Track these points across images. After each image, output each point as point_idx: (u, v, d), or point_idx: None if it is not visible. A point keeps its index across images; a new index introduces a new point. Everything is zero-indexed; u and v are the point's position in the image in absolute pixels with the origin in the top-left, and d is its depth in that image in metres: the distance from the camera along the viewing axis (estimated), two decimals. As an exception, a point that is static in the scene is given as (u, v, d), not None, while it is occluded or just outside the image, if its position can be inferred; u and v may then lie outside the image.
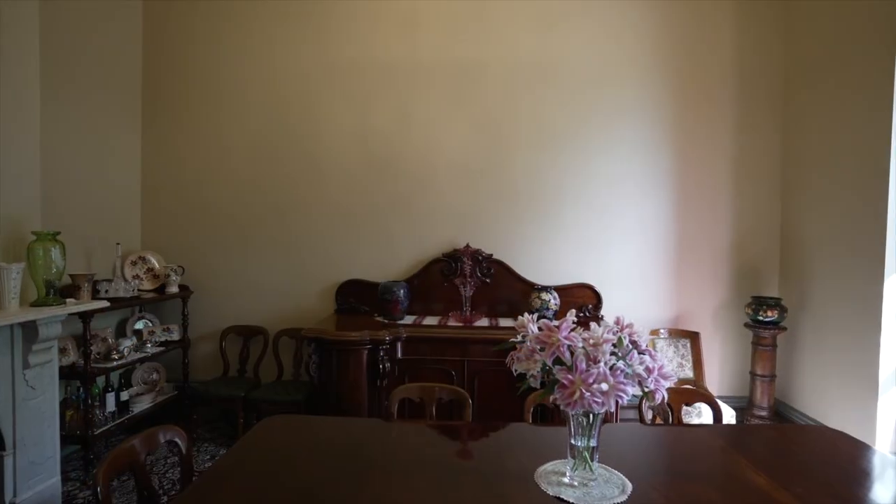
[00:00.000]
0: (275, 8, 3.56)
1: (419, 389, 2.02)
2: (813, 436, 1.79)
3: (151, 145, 3.64)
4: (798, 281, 3.28)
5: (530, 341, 1.34)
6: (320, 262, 3.56)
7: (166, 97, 3.63)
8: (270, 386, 3.27)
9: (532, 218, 3.48)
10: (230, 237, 3.62)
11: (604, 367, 1.24)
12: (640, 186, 3.47)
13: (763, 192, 3.46)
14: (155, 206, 3.65)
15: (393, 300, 3.12)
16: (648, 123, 3.45)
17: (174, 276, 3.41)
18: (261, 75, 3.58)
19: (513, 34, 3.45)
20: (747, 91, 3.43)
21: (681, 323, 3.47)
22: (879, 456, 1.53)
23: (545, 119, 3.46)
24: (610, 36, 3.45)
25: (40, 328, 2.16)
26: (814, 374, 3.13)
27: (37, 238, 2.23)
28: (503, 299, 3.39)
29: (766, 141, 3.45)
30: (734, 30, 3.42)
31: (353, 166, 3.54)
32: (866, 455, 1.52)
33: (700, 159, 3.45)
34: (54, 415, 2.38)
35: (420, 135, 3.49)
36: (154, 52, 3.62)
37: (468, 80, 3.47)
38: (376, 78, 3.52)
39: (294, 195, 3.58)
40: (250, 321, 3.57)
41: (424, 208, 3.51)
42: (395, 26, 3.48)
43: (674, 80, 3.45)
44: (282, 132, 3.58)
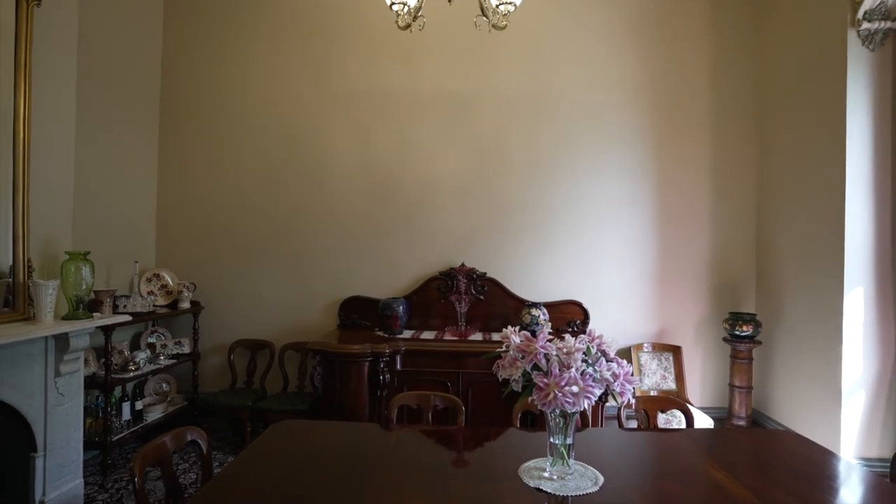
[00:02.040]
0: (285, 41, 3.84)
1: (416, 397, 2.22)
2: (772, 438, 1.99)
3: (167, 169, 3.88)
4: (772, 297, 3.50)
5: (513, 350, 1.56)
6: (324, 280, 3.78)
7: (182, 124, 3.89)
8: (276, 397, 3.45)
9: (523, 238, 3.71)
10: (239, 256, 3.84)
11: (575, 373, 1.46)
12: (625, 208, 3.71)
13: (738, 214, 3.70)
14: (169, 225, 3.87)
15: (393, 315, 3.32)
16: (631, 150, 3.71)
17: (186, 293, 3.61)
18: (270, 104, 3.85)
19: (504, 67, 3.72)
20: (722, 122, 3.70)
21: (664, 337, 3.68)
22: (828, 455, 1.71)
23: (535, 146, 3.72)
24: (595, 70, 3.72)
25: (71, 340, 2.37)
26: (787, 385, 3.33)
27: (70, 257, 2.44)
28: (496, 315, 3.60)
29: (739, 167, 3.70)
30: (710, 67, 3.70)
31: (356, 189, 3.78)
32: (816, 454, 1.72)
33: (679, 183, 3.70)
34: (79, 420, 2.57)
35: (418, 160, 3.74)
36: (171, 84, 3.89)
37: (463, 110, 3.74)
38: (377, 107, 3.78)
39: (300, 216, 3.81)
40: (257, 335, 3.76)
41: (422, 229, 3.74)
42: (395, 59, 3.75)
43: (655, 110, 3.71)
44: (289, 157, 3.83)
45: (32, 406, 2.26)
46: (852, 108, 2.74)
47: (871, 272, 2.78)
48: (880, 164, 2.75)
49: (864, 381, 2.81)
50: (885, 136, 2.74)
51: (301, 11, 3.84)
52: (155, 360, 3.41)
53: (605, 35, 3.72)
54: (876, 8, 2.62)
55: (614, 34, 3.71)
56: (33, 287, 2.26)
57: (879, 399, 2.80)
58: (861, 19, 2.67)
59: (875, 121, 2.74)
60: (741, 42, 3.68)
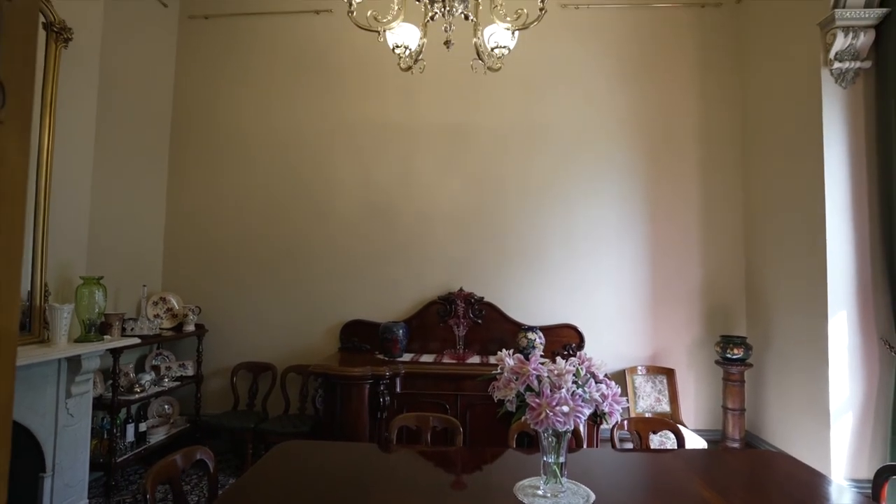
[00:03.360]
0: (290, 77, 4.04)
1: (416, 418, 2.30)
2: (763, 460, 2.06)
3: (175, 196, 4.03)
4: (762, 321, 3.60)
5: (507, 372, 1.66)
6: (326, 304, 3.88)
7: (190, 156, 4.05)
8: (278, 419, 3.51)
9: (520, 264, 3.83)
10: (244, 280, 3.94)
11: (565, 393, 1.56)
12: (618, 235, 3.83)
13: (727, 241, 3.83)
14: (176, 251, 3.99)
15: (393, 339, 3.41)
16: (623, 179, 3.86)
17: (192, 316, 3.71)
18: (274, 136, 4.01)
19: (501, 100, 3.90)
20: (709, 153, 3.85)
21: (658, 360, 3.76)
22: (817, 476, 1.78)
23: (531, 175, 3.87)
24: (588, 102, 3.90)
25: (83, 361, 2.46)
26: (778, 407, 3.40)
27: (84, 282, 2.55)
28: (494, 339, 3.68)
29: (727, 196, 3.84)
30: (697, 102, 3.88)
31: (357, 216, 3.92)
32: (806, 475, 1.79)
33: (669, 211, 3.84)
34: (86, 441, 2.63)
35: (418, 189, 3.89)
36: (181, 119, 4.07)
37: (461, 141, 3.90)
38: (379, 137, 3.95)
39: (303, 242, 3.94)
40: (260, 358, 3.84)
41: (422, 254, 3.86)
42: (396, 94, 3.93)
43: (645, 141, 3.87)
44: (292, 185, 3.98)
45: (43, 426, 2.34)
46: (829, 142, 2.89)
47: (853, 296, 2.89)
48: (857, 193, 2.89)
49: (852, 403, 2.89)
50: (860, 168, 2.88)
51: (305, 50, 4.05)
52: (159, 383, 3.48)
53: (597, 71, 3.91)
54: (846, 49, 2.80)
55: (606, 71, 3.91)
56: (49, 311, 2.36)
57: (867, 421, 2.87)
58: (833, 59, 2.84)
59: (851, 152, 2.89)
60: (726, 79, 3.87)
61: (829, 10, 2.81)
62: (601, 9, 3.95)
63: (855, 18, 2.74)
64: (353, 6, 1.83)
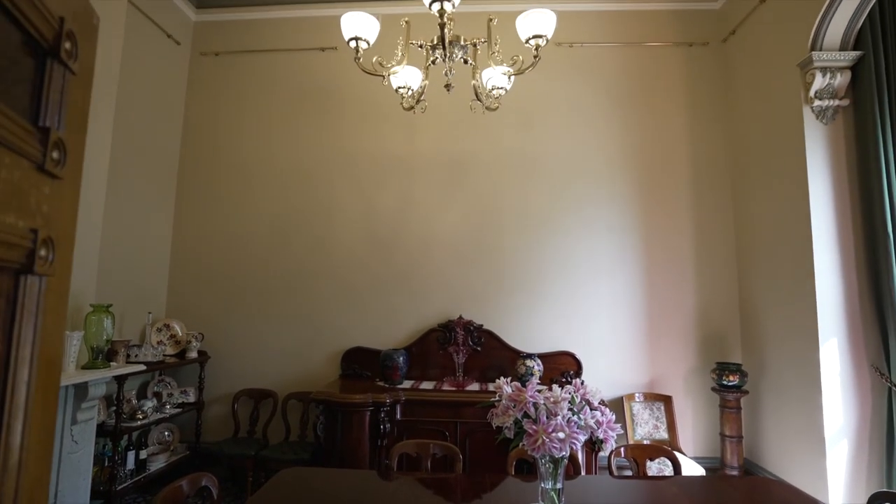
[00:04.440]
0: (293, 110, 4.20)
1: (416, 445, 2.34)
2: (759, 486, 2.09)
3: (181, 225, 4.13)
4: (757, 348, 3.66)
5: (505, 400, 1.72)
6: (327, 331, 3.93)
7: (196, 184, 4.18)
8: (278, 446, 3.52)
9: (518, 292, 3.91)
10: (246, 307, 4.01)
11: (561, 420, 1.62)
12: (613, 263, 3.92)
13: (720, 269, 3.92)
14: (181, 278, 4.07)
15: (393, 366, 3.45)
16: (618, 209, 3.97)
17: (195, 342, 3.76)
18: (279, 165, 4.15)
19: (499, 132, 4.05)
20: (700, 185, 3.98)
21: (655, 387, 3.80)
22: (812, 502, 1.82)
23: (528, 204, 3.99)
24: (583, 135, 4.05)
25: (90, 388, 2.50)
26: (776, 435, 3.43)
27: (93, 309, 2.62)
28: (493, 366, 3.73)
29: (719, 226, 3.95)
30: (687, 136, 4.03)
31: (359, 244, 4.01)
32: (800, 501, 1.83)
33: (664, 241, 3.94)
34: (89, 469, 2.65)
35: (418, 217, 4.00)
36: (189, 151, 4.22)
37: (460, 172, 4.04)
38: (379, 168, 4.08)
39: (305, 270, 4.02)
40: (261, 384, 3.87)
41: (422, 283, 3.94)
42: (397, 126, 4.08)
43: (639, 172, 4.01)
44: (295, 213, 4.09)
45: (49, 454, 2.36)
46: (813, 176, 3.02)
47: (842, 324, 2.96)
48: (842, 225, 3.00)
49: (846, 431, 2.93)
50: (843, 201, 3.00)
51: (309, 85, 4.23)
52: (161, 409, 3.51)
53: (591, 106, 4.07)
54: (824, 88, 2.95)
55: (599, 105, 4.07)
56: (59, 338, 2.42)
57: (861, 448, 2.91)
58: (813, 97, 3.00)
59: (834, 186, 3.02)
60: (715, 114, 4.04)
61: (807, 52, 2.98)
62: (594, 47, 4.14)
63: (831, 60, 2.90)
64: (360, 53, 1.96)
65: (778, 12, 3.33)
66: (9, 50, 0.64)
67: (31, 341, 0.71)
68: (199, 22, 4.42)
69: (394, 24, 4.04)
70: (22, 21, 0.64)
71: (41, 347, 0.74)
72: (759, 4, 3.49)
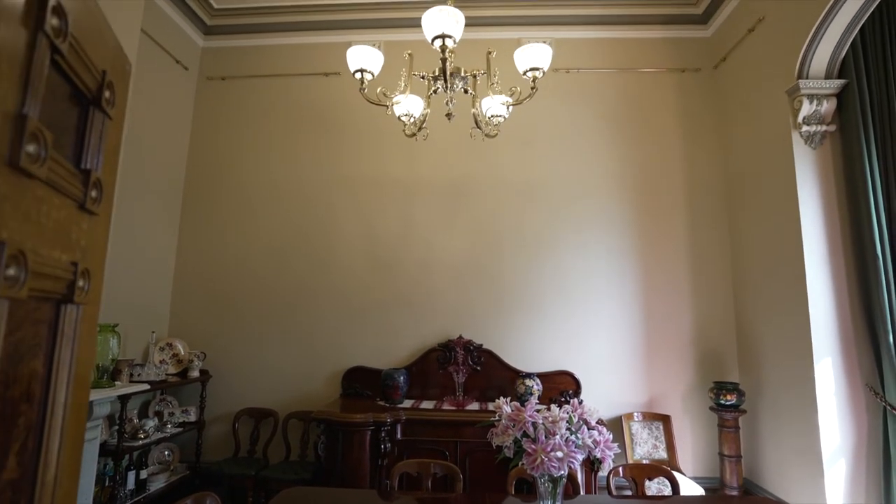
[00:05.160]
0: (297, 133, 4.31)
1: (417, 465, 2.37)
2: None
3: (185, 245, 4.20)
4: (754, 367, 3.69)
5: (505, 419, 1.77)
6: (328, 351, 3.97)
7: (200, 206, 4.26)
8: (279, 466, 3.53)
9: (517, 311, 3.96)
10: (248, 327, 4.05)
11: (559, 439, 1.66)
12: (611, 283, 3.98)
13: (717, 287, 3.97)
14: (184, 297, 4.12)
15: (393, 385, 3.48)
16: (614, 230, 4.05)
17: (197, 362, 3.79)
18: (280, 187, 4.24)
19: (498, 156, 4.15)
20: (696, 205, 4.07)
21: (653, 406, 3.82)
22: None
23: (527, 226, 4.07)
24: (580, 158, 4.15)
25: (95, 408, 2.53)
26: (774, 454, 3.44)
27: (100, 329, 2.67)
28: (492, 385, 3.75)
29: (714, 247, 4.01)
30: (683, 156, 4.13)
31: (360, 266, 4.08)
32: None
33: (660, 262, 4.00)
34: (90, 490, 2.66)
35: (419, 239, 4.07)
36: (194, 173, 4.32)
37: (461, 195, 4.12)
38: (381, 190, 4.17)
39: (307, 291, 4.07)
40: (262, 404, 3.89)
41: (422, 303, 3.99)
42: (399, 150, 4.18)
43: (635, 193, 4.09)
44: (297, 234, 4.16)
45: (53, 473, 2.39)
46: (803, 198, 3.11)
47: (836, 344, 3.01)
48: (832, 245, 3.07)
49: (843, 450, 2.95)
50: (833, 222, 3.08)
51: (313, 109, 4.34)
52: (162, 429, 3.52)
53: (588, 130, 4.18)
54: (812, 114, 3.06)
55: (596, 129, 4.18)
56: (66, 358, 2.46)
57: (859, 467, 2.93)
58: (801, 123, 3.10)
59: (824, 208, 3.10)
60: (708, 137, 4.15)
61: (794, 80, 3.10)
62: (591, 73, 4.27)
63: (817, 88, 3.02)
64: (365, 84, 2.06)
65: (766, 41, 3.46)
66: (61, 102, 0.71)
67: (69, 365, 0.77)
68: (207, 48, 4.56)
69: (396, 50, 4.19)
70: (72, 76, 0.72)
71: (76, 370, 0.80)
72: (747, 34, 3.63)
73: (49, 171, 0.63)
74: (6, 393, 0.60)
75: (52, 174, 0.64)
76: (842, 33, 2.94)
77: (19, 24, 0.55)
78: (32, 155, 0.58)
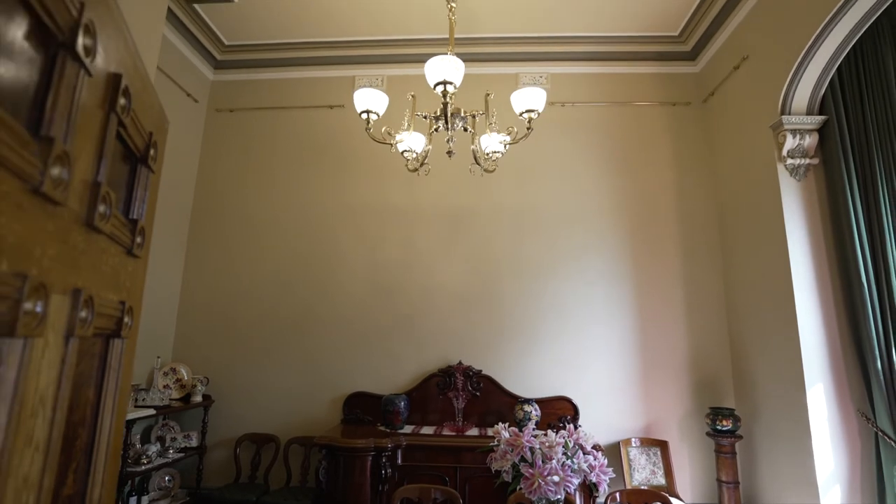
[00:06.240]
0: (301, 162, 4.46)
1: (417, 490, 2.41)
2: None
3: (191, 272, 4.30)
4: (749, 393, 3.75)
5: (503, 444, 1.84)
6: (330, 376, 4.02)
7: (206, 233, 4.37)
8: (280, 492, 3.54)
9: (516, 338, 4.03)
10: (251, 352, 4.11)
11: (556, 464, 1.73)
12: (608, 309, 4.07)
13: (711, 314, 4.05)
14: (189, 322, 4.19)
15: (394, 411, 3.53)
16: (611, 257, 4.15)
17: (200, 386, 3.84)
18: (284, 215, 4.36)
19: (496, 186, 4.28)
20: (689, 233, 4.18)
21: (651, 432, 3.86)
22: None
23: (525, 254, 4.18)
24: (576, 188, 4.29)
25: (102, 434, 2.59)
26: (771, 480, 3.47)
27: (109, 356, 2.74)
28: (491, 411, 3.80)
29: (708, 272, 4.11)
30: (676, 186, 4.26)
31: (361, 293, 4.17)
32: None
33: (655, 288, 4.09)
34: (94, 515, 2.69)
35: (420, 266, 4.18)
36: (202, 197, 4.45)
37: (460, 222, 4.25)
38: (383, 219, 4.29)
39: (309, 317, 4.15)
40: (264, 429, 3.92)
41: (423, 329, 4.06)
42: (400, 179, 4.31)
43: (629, 223, 4.21)
44: (301, 261, 4.26)
45: (59, 499, 2.42)
46: (790, 228, 3.22)
47: (827, 370, 3.08)
48: (820, 274, 3.17)
49: (838, 476, 2.99)
50: (820, 251, 3.19)
51: (317, 140, 4.50)
52: (164, 454, 3.55)
53: (584, 160, 4.34)
54: (795, 148, 3.20)
55: (591, 160, 4.34)
56: (77, 384, 2.53)
57: (854, 493, 2.96)
58: (786, 156, 3.25)
59: (810, 237, 3.22)
60: (699, 167, 4.29)
61: (778, 116, 3.26)
62: (586, 106, 4.45)
63: (799, 123, 3.17)
64: (371, 124, 2.19)
65: (751, 78, 3.64)
66: (118, 163, 0.82)
67: (114, 393, 0.87)
68: (217, 81, 4.75)
69: (398, 85, 4.37)
70: (129, 141, 0.83)
71: (119, 398, 0.90)
72: (733, 71, 3.81)
73: (111, 226, 0.74)
74: (70, 418, 0.69)
75: (113, 228, 0.75)
76: (820, 72, 3.11)
77: (97, 107, 0.66)
78: (102, 214, 0.68)
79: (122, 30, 0.73)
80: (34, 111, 0.52)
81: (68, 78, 0.56)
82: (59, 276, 0.57)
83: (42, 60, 0.53)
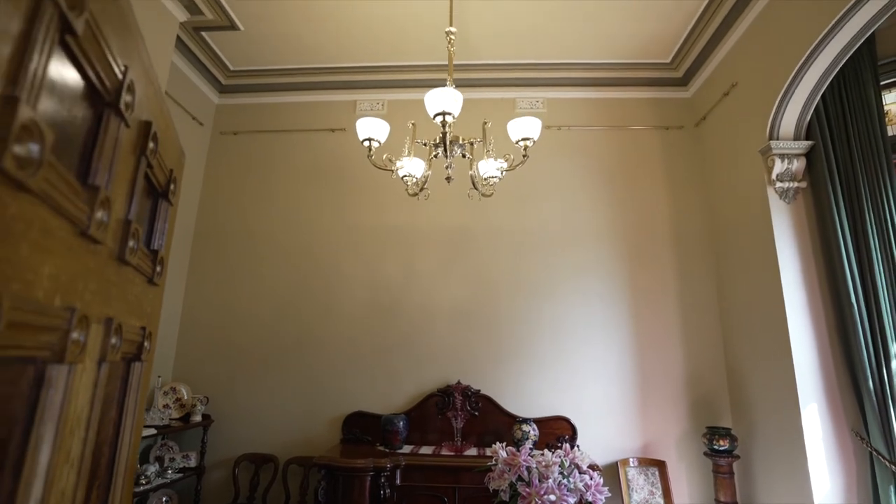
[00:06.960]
0: (302, 184, 4.55)
1: (417, 510, 2.43)
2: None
3: (192, 292, 4.35)
4: (746, 412, 3.77)
5: (501, 464, 1.88)
6: (329, 396, 4.04)
7: (207, 254, 4.44)
8: (277, 513, 3.54)
9: (514, 357, 4.07)
10: (251, 372, 4.14)
11: (552, 483, 1.77)
12: (605, 329, 4.11)
13: (707, 334, 4.09)
14: (189, 342, 4.23)
15: (393, 430, 3.55)
16: (607, 277, 4.22)
17: (200, 406, 3.85)
18: (285, 236, 4.43)
19: (494, 208, 4.37)
20: (684, 254, 4.25)
21: (649, 452, 3.87)
22: None
23: (522, 274, 4.24)
24: (573, 209, 4.38)
25: (104, 454, 2.60)
26: (769, 501, 3.47)
27: (112, 376, 2.78)
28: (490, 430, 3.81)
29: (703, 293, 4.17)
30: (671, 208, 4.35)
31: (362, 312, 4.21)
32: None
33: (652, 308, 4.15)
34: (93, 536, 2.69)
35: (419, 286, 4.23)
36: (203, 219, 4.53)
37: (459, 243, 4.32)
38: (383, 240, 4.36)
39: (308, 337, 4.19)
40: (263, 449, 3.92)
41: (422, 349, 4.10)
42: (399, 200, 4.39)
43: (625, 244, 4.28)
44: (301, 282, 4.32)
45: (59, 519, 2.43)
46: (781, 250, 3.30)
47: (820, 390, 3.12)
48: (811, 295, 3.24)
49: (834, 495, 3.01)
50: (811, 273, 3.26)
51: (318, 162, 4.61)
52: (163, 474, 3.54)
53: (580, 183, 4.43)
54: (784, 172, 3.30)
55: (588, 182, 4.43)
56: (80, 403, 2.56)
57: (851, 514, 2.98)
58: (775, 179, 3.34)
59: (801, 260, 3.29)
60: (692, 190, 4.39)
61: (766, 141, 3.36)
62: (581, 130, 4.57)
63: (787, 148, 3.28)
64: (372, 151, 2.28)
65: (740, 104, 3.76)
66: (143, 200, 0.89)
67: (133, 413, 0.93)
68: (221, 104, 4.88)
69: (398, 109, 4.49)
70: (153, 179, 0.91)
71: (137, 416, 0.95)
72: (723, 97, 3.94)
73: (137, 259, 0.80)
74: (97, 438, 0.75)
75: (139, 260, 0.82)
76: (806, 98, 3.22)
77: (131, 153, 0.74)
78: (131, 249, 0.75)
79: (153, 80, 0.81)
80: (83, 163, 0.59)
81: (111, 132, 0.63)
82: (97, 307, 0.64)
83: (91, 118, 0.60)
